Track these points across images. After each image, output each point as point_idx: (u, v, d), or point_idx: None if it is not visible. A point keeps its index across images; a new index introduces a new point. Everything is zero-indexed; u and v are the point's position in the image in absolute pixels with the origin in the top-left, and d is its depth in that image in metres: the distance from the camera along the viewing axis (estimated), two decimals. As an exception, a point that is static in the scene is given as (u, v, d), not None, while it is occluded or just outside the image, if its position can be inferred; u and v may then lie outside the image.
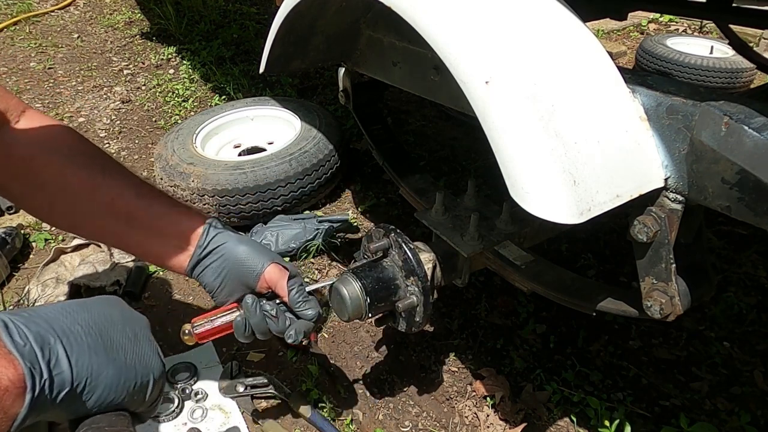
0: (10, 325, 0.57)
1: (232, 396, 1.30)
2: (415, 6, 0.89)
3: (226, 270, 0.96)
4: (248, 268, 0.96)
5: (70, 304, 0.67)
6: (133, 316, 0.73)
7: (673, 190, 0.83)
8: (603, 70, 0.85)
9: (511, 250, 1.18)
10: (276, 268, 0.97)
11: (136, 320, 0.73)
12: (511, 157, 0.78)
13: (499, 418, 1.28)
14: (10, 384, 0.53)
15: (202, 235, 0.97)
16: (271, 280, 0.97)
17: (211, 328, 0.96)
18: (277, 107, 2.22)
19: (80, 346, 0.61)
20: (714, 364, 1.40)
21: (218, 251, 0.97)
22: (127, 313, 0.73)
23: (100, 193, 0.95)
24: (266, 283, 0.97)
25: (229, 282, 0.97)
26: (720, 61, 2.84)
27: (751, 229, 1.79)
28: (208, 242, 0.97)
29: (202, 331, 0.96)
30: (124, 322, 0.70)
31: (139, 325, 0.72)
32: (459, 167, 2.21)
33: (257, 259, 0.97)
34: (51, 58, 3.33)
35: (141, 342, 0.70)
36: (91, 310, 0.67)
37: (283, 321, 0.97)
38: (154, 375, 0.70)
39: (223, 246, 0.97)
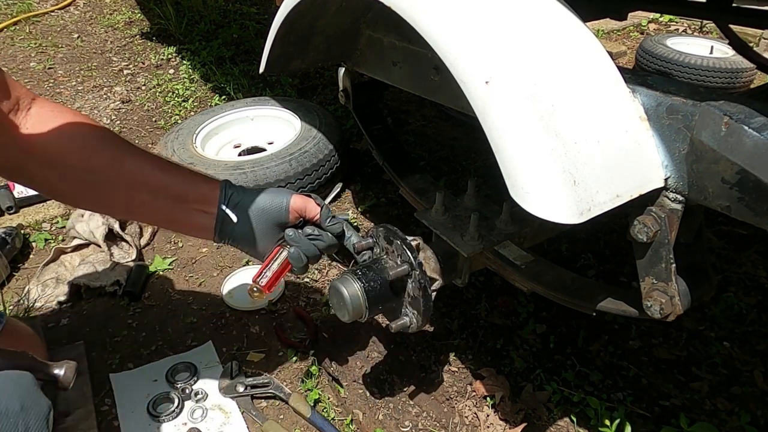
0: None
1: (232, 396, 1.30)
2: (415, 6, 0.89)
3: (254, 219, 1.03)
4: (275, 207, 1.04)
5: None
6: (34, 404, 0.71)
7: (673, 190, 0.83)
8: (603, 70, 0.85)
9: (511, 250, 1.18)
10: (299, 197, 1.06)
11: (35, 410, 0.71)
12: (511, 157, 0.78)
13: (499, 418, 1.28)
14: None
15: (221, 194, 1.03)
16: (299, 208, 1.05)
17: (272, 275, 1.06)
18: (277, 107, 2.22)
19: None
20: (714, 364, 1.40)
21: (241, 206, 1.03)
22: (28, 401, 0.71)
23: (122, 170, 1.00)
24: (296, 212, 1.05)
25: (262, 228, 1.04)
26: (720, 61, 2.84)
27: (751, 229, 1.79)
28: (228, 200, 1.03)
29: (267, 281, 1.05)
30: (19, 414, 0.68)
31: (35, 416, 0.71)
32: (459, 167, 2.21)
33: (280, 197, 1.05)
34: (51, 58, 3.33)
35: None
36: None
37: (325, 236, 1.07)
38: None
39: (242, 200, 1.03)
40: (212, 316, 1.54)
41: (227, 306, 1.57)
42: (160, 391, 1.30)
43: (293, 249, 1.04)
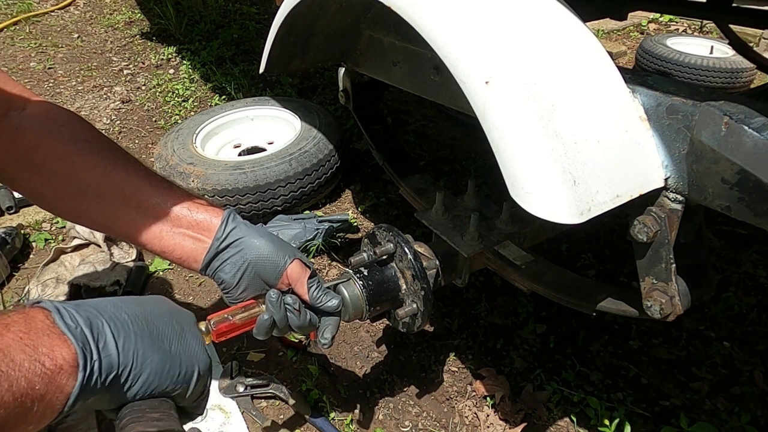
0: (62, 310, 0.59)
1: (232, 396, 1.30)
2: (414, 6, 0.89)
3: (246, 265, 0.92)
4: (271, 264, 0.93)
5: (118, 297, 0.69)
6: (180, 312, 0.74)
7: (673, 190, 0.83)
8: (603, 70, 0.85)
9: (511, 250, 1.18)
10: (299, 265, 0.94)
11: (183, 316, 0.74)
12: (511, 156, 0.78)
13: (499, 418, 1.28)
14: (65, 362, 0.55)
15: (221, 227, 0.92)
16: (292, 277, 0.94)
17: (230, 324, 0.90)
18: (277, 107, 2.22)
19: (126, 332, 0.63)
20: (714, 364, 1.40)
21: (237, 245, 0.92)
22: (174, 309, 0.74)
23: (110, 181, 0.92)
24: (287, 279, 0.94)
25: (248, 278, 0.93)
26: (720, 61, 2.84)
27: (751, 229, 1.79)
28: (226, 235, 0.92)
29: (222, 327, 0.89)
30: (171, 316, 0.71)
31: (185, 320, 0.73)
32: (459, 167, 2.21)
33: (280, 255, 0.93)
34: (51, 58, 3.33)
35: (187, 336, 0.71)
36: (139, 302, 0.69)
37: (305, 315, 0.95)
38: (200, 368, 0.70)
39: (243, 240, 0.92)
40: (212, 316, 1.54)
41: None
42: (160, 391, 1.30)
43: (266, 314, 0.91)
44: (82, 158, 0.92)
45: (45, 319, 0.58)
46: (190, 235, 0.93)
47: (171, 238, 0.93)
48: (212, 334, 0.88)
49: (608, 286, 1.11)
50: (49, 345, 0.55)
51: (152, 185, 0.93)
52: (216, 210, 0.95)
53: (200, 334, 0.74)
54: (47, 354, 0.55)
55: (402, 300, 1.10)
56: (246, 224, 0.95)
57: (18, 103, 0.93)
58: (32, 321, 0.57)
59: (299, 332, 0.97)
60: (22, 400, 0.52)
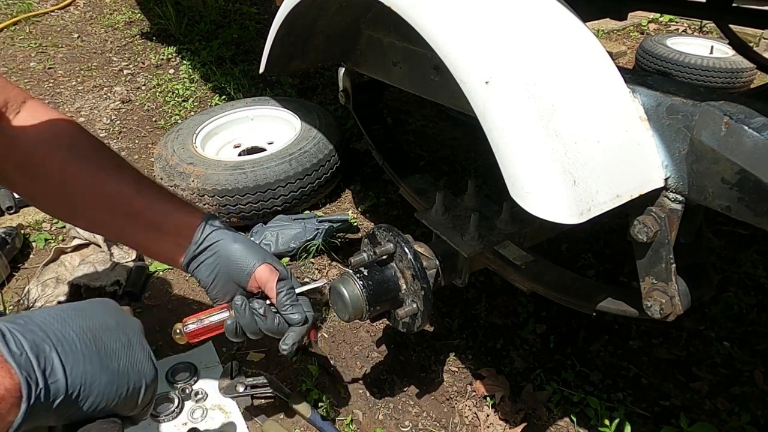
0: (7, 334, 0.58)
1: (232, 396, 1.30)
2: (414, 6, 0.89)
3: (219, 267, 0.97)
4: (239, 267, 0.97)
5: (65, 309, 0.67)
6: (127, 320, 0.74)
7: (673, 190, 0.83)
8: (603, 70, 0.85)
9: (511, 250, 1.18)
10: (267, 268, 0.97)
11: (130, 325, 0.73)
12: (511, 156, 0.78)
13: (499, 418, 1.28)
14: (6, 393, 0.54)
15: (197, 232, 0.97)
16: (261, 280, 0.97)
17: (201, 327, 0.96)
18: (277, 107, 2.22)
19: (75, 355, 0.62)
20: (714, 364, 1.40)
21: (212, 248, 0.97)
22: (122, 318, 0.73)
23: (99, 189, 0.96)
24: (256, 282, 0.97)
25: (221, 280, 0.98)
26: (720, 61, 2.84)
27: (751, 229, 1.79)
28: (203, 239, 0.97)
29: (193, 330, 0.96)
30: (118, 327, 0.70)
31: (132, 330, 0.73)
32: (459, 167, 2.21)
33: (249, 259, 0.97)
34: (51, 58, 3.33)
35: (134, 347, 0.70)
36: (86, 315, 0.68)
37: (272, 320, 0.97)
38: (146, 380, 0.70)
39: (218, 243, 0.97)
40: (212, 316, 1.54)
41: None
42: (160, 391, 1.30)
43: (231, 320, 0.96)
44: (74, 165, 0.96)
45: None
46: (171, 240, 0.98)
47: (155, 243, 0.99)
48: (186, 336, 0.96)
49: (608, 286, 1.11)
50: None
51: (140, 192, 0.98)
52: (196, 215, 0.99)
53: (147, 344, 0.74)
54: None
55: (402, 300, 1.10)
56: (223, 229, 0.99)
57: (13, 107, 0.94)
58: None
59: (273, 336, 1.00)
60: None
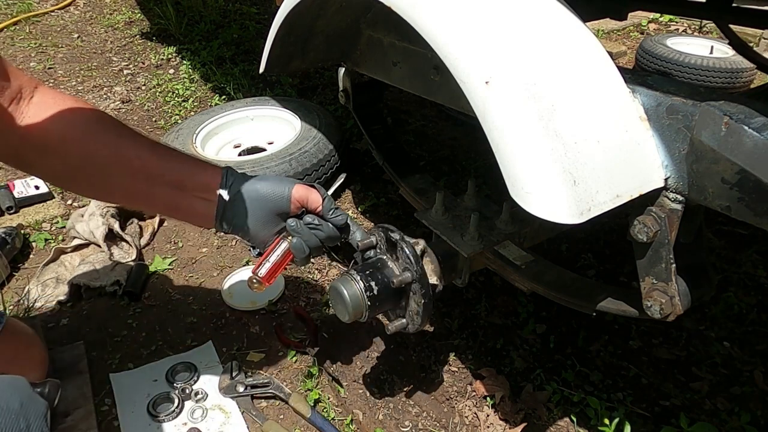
0: None
1: (232, 396, 1.30)
2: (414, 6, 0.89)
3: (255, 207, 1.01)
4: (277, 196, 1.02)
5: None
6: (32, 403, 0.74)
7: (673, 190, 0.83)
8: (603, 70, 0.85)
9: (511, 250, 1.18)
10: (301, 187, 1.04)
11: (33, 408, 0.74)
12: (511, 156, 0.78)
13: (499, 418, 1.28)
14: None
15: (222, 181, 1.01)
16: (301, 198, 1.03)
17: (272, 265, 1.03)
18: (277, 107, 2.22)
19: None
20: (714, 364, 1.40)
21: (241, 194, 1.01)
22: (27, 400, 0.74)
23: (120, 157, 0.99)
24: (297, 202, 1.04)
25: (263, 216, 1.02)
26: (720, 61, 2.84)
27: (751, 229, 1.79)
28: (229, 188, 1.01)
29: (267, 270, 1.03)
30: (21, 410, 0.71)
31: (35, 413, 0.73)
32: (459, 167, 2.21)
33: (282, 186, 1.03)
34: (51, 58, 3.33)
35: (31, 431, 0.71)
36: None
37: (327, 227, 1.05)
38: None
39: (245, 186, 1.01)
40: (212, 316, 1.54)
41: (227, 306, 1.57)
42: (160, 391, 1.30)
43: (295, 239, 1.03)
44: (94, 138, 0.99)
45: None
46: (198, 196, 1.02)
47: (183, 202, 1.02)
48: (263, 281, 1.03)
49: (608, 286, 1.11)
50: None
51: (157, 154, 1.01)
52: (216, 169, 1.04)
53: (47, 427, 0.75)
54: None
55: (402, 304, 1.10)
56: (244, 175, 1.04)
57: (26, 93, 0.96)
58: None
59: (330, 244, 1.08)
60: None
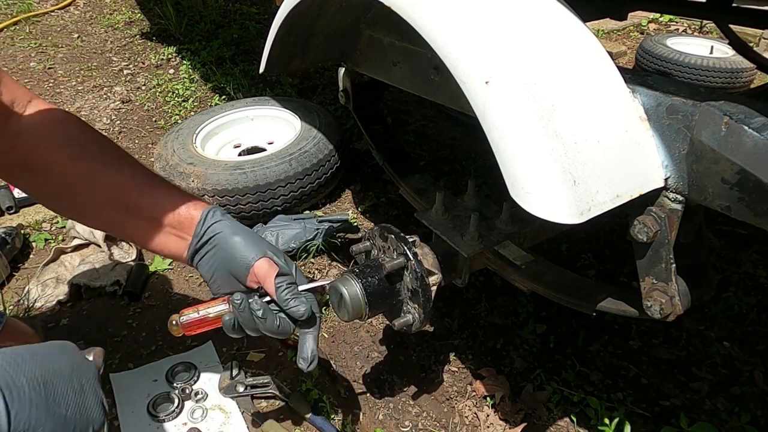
0: None
1: (232, 396, 1.30)
2: (414, 6, 0.89)
3: (218, 261, 0.94)
4: (238, 261, 0.93)
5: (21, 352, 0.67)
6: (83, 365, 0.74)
7: (673, 190, 0.83)
8: (603, 70, 0.85)
9: (511, 250, 1.18)
10: (266, 262, 0.93)
11: (85, 370, 0.73)
12: (511, 156, 0.78)
13: (499, 418, 1.28)
14: None
15: (199, 224, 0.95)
16: (259, 274, 0.93)
17: (198, 320, 0.93)
18: (277, 107, 2.22)
19: (21, 401, 0.61)
20: (714, 364, 1.40)
21: (213, 241, 0.95)
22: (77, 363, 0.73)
23: (98, 186, 0.96)
24: (255, 278, 0.94)
25: (221, 274, 0.95)
26: (720, 61, 2.84)
27: (751, 229, 1.79)
28: (204, 231, 0.95)
29: (189, 321, 0.92)
30: (72, 373, 0.70)
31: (87, 375, 0.73)
32: (459, 167, 2.21)
33: (248, 252, 0.93)
34: (51, 58, 3.33)
35: (86, 393, 0.70)
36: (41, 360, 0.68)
37: (271, 321, 0.92)
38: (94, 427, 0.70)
39: (218, 236, 0.94)
40: (212, 316, 1.54)
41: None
42: (160, 391, 1.30)
43: (228, 317, 0.92)
44: (75, 162, 0.96)
45: None
46: (174, 233, 0.97)
47: (158, 238, 0.98)
48: (182, 328, 0.93)
49: (608, 286, 1.11)
50: None
51: (138, 188, 0.97)
52: (198, 207, 0.97)
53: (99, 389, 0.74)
54: None
55: (402, 300, 1.10)
56: (225, 221, 0.96)
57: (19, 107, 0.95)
58: None
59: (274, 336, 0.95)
60: None
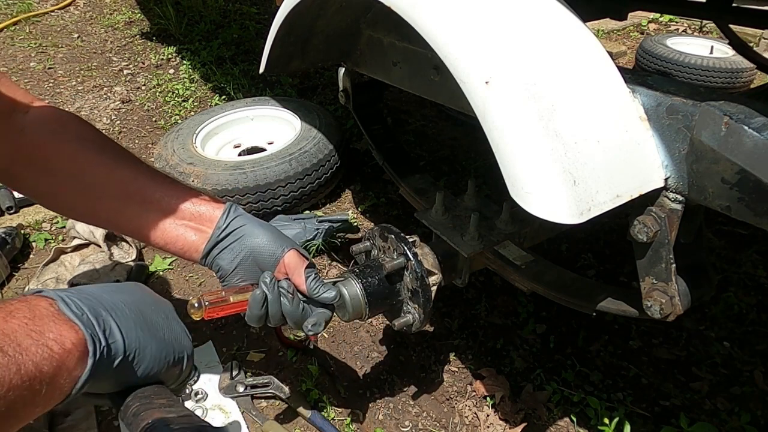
0: (66, 299, 0.61)
1: (232, 396, 1.30)
2: (414, 6, 0.89)
3: (244, 252, 0.95)
4: (267, 253, 0.95)
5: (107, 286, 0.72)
6: (162, 300, 0.78)
7: (673, 190, 0.83)
8: (603, 70, 0.85)
9: (511, 250, 1.18)
10: (295, 254, 0.96)
11: (165, 304, 0.78)
12: (511, 156, 0.78)
13: (499, 418, 1.28)
14: (73, 347, 0.57)
15: (222, 217, 0.95)
16: (290, 266, 0.95)
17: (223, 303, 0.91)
18: (277, 107, 2.22)
19: (127, 321, 0.65)
20: (714, 364, 1.40)
21: (237, 233, 0.95)
22: (157, 298, 0.78)
23: (114, 178, 0.95)
24: (284, 268, 0.96)
25: (246, 265, 0.95)
26: (720, 61, 2.84)
27: (751, 229, 1.79)
28: (228, 224, 0.95)
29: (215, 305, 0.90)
30: (156, 304, 0.75)
31: (167, 308, 0.77)
32: (459, 167, 2.21)
33: (277, 244, 0.95)
34: (51, 58, 3.33)
35: (172, 322, 0.74)
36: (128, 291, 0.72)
37: (297, 304, 0.94)
38: (187, 352, 0.74)
39: (242, 228, 0.95)
40: (212, 316, 1.54)
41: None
42: (160, 391, 1.30)
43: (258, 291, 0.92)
44: (86, 156, 0.95)
45: (49, 307, 0.59)
46: (192, 226, 0.96)
47: (174, 230, 0.96)
48: (204, 310, 0.90)
49: (608, 286, 1.11)
50: (57, 330, 0.57)
51: (155, 181, 0.96)
52: (218, 202, 0.98)
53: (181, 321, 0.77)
54: (55, 339, 0.56)
55: (402, 300, 1.10)
56: (247, 216, 0.97)
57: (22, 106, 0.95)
58: (36, 308, 0.58)
59: (292, 323, 0.96)
60: (31, 384, 0.53)
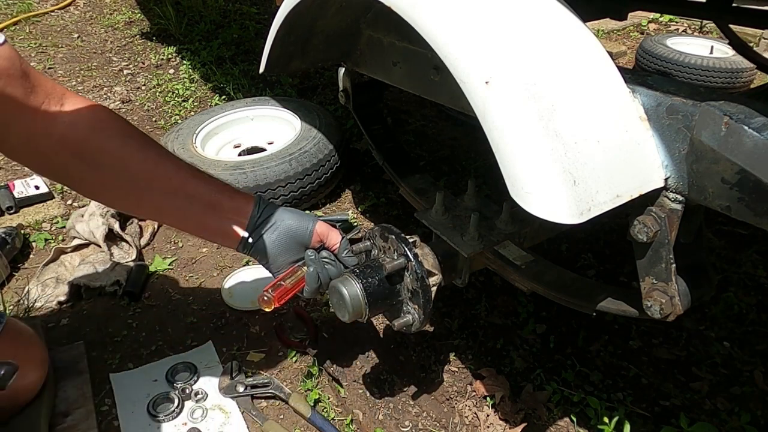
0: None
1: (232, 396, 1.30)
2: (414, 6, 0.89)
3: (281, 233, 1.10)
4: (302, 227, 1.12)
5: None
6: None
7: (673, 190, 0.83)
8: (603, 70, 0.85)
9: (511, 250, 1.18)
10: (322, 224, 1.15)
11: None
12: (511, 156, 0.78)
13: (499, 418, 1.28)
14: None
15: (255, 207, 1.10)
16: (323, 233, 1.14)
17: (284, 289, 1.09)
18: (277, 107, 2.22)
19: None
20: (714, 364, 1.40)
21: (271, 220, 1.10)
22: None
23: (159, 173, 1.03)
24: (318, 237, 1.13)
25: (285, 243, 1.11)
26: (720, 61, 2.84)
27: (751, 229, 1.79)
28: (260, 214, 1.10)
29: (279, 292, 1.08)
30: None
31: None
32: (459, 167, 2.21)
33: (306, 220, 1.14)
34: (51, 58, 3.33)
35: None
36: None
37: (339, 267, 1.14)
38: None
39: (275, 214, 1.11)
40: (212, 316, 1.54)
41: (227, 306, 1.57)
42: (160, 391, 1.30)
43: (311, 268, 1.10)
44: (131, 153, 1.02)
45: None
46: (231, 217, 1.09)
47: (216, 223, 1.09)
48: (273, 300, 1.07)
49: (608, 286, 1.11)
50: None
51: (195, 177, 1.08)
52: (248, 196, 1.13)
53: None
54: None
55: (402, 300, 1.10)
56: (273, 204, 1.14)
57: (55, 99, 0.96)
58: None
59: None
60: None
